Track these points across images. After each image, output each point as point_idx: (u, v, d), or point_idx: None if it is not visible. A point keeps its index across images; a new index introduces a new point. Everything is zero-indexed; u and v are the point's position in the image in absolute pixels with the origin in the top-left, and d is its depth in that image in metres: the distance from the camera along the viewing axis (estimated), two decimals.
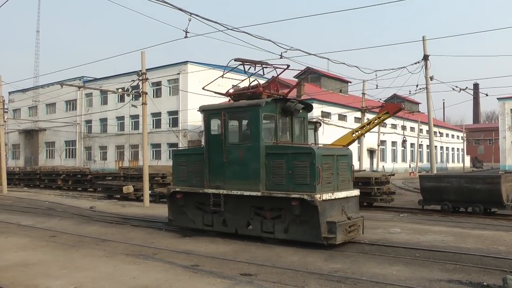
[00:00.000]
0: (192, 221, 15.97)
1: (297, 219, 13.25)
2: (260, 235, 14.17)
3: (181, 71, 57.42)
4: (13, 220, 20.50)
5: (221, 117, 14.85)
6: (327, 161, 13.38)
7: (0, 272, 10.70)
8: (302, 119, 15.79)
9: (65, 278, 10.01)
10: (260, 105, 14.03)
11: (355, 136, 21.46)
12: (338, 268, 10.39)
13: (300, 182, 13.16)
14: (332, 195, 13.16)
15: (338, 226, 12.76)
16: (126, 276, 10.05)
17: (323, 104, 49.71)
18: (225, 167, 14.63)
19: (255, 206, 14.27)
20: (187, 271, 10.32)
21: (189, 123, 57.27)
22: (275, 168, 13.71)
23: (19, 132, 79.82)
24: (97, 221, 19.58)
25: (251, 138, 14.19)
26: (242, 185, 14.19)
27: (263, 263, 11.04)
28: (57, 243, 14.50)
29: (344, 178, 14.09)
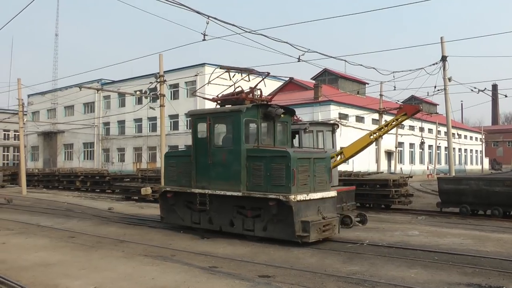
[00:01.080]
0: (181, 218, 17.07)
1: (274, 218, 14.08)
2: (242, 232, 15.03)
3: (199, 73, 57.59)
4: (33, 221, 20.72)
5: (206, 121, 15.81)
6: (303, 164, 14.17)
7: (21, 272, 10.83)
8: (285, 123, 16.56)
9: (84, 279, 10.12)
10: (241, 111, 14.96)
11: (373, 138, 21.28)
12: (356, 271, 10.39)
13: (276, 184, 13.98)
14: (307, 196, 13.96)
15: (312, 225, 13.56)
16: (144, 277, 10.13)
17: (341, 106, 49.63)
18: (210, 169, 15.64)
19: (237, 205, 15.15)
20: (205, 273, 10.37)
21: None
22: (255, 170, 14.57)
23: (38, 134, 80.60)
24: (115, 222, 19.72)
25: (233, 141, 15.14)
26: (225, 185, 15.13)
27: (281, 265, 11.07)
28: (76, 244, 14.64)
29: (321, 180, 14.81)
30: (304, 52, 21.41)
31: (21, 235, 16.84)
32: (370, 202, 24.68)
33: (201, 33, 18.86)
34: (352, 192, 22.22)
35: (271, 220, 14.25)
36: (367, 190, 24.32)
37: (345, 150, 21.65)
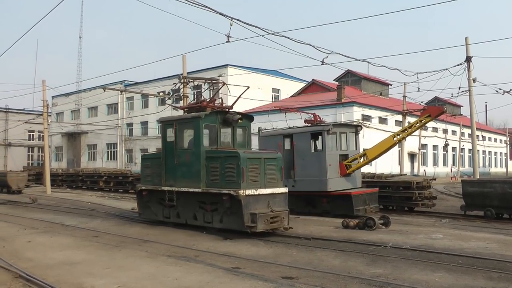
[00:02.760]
0: (155, 214, 19.06)
1: (228, 211, 15.86)
2: (203, 224, 16.96)
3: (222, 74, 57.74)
4: (57, 220, 21.01)
5: (173, 127, 17.77)
6: (253, 163, 15.92)
7: (46, 270, 11.00)
8: (245, 128, 18.33)
9: (108, 278, 10.24)
10: (200, 117, 16.85)
11: (396, 139, 21.19)
12: (380, 273, 10.32)
13: (229, 180, 15.80)
14: (256, 191, 15.58)
15: (259, 217, 15.19)
16: (168, 277, 10.19)
17: (364, 107, 49.41)
18: (176, 168, 17.64)
19: (199, 200, 17.04)
20: (228, 274, 10.41)
21: None
22: (212, 169, 16.47)
23: (62, 135, 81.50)
24: (138, 222, 19.86)
25: (194, 144, 17.06)
26: (189, 183, 17.05)
27: (304, 266, 11.05)
28: (100, 243, 14.81)
29: (272, 178, 16.44)
30: (328, 54, 21.36)
31: (46, 234, 17.10)
32: (393, 204, 24.56)
33: (225, 35, 18.91)
34: (375, 194, 22.18)
35: (225, 213, 16.02)
36: (390, 192, 24.20)
37: (368, 152, 21.61)
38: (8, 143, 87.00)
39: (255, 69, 59.73)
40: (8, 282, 9.98)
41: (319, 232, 16.41)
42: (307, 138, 22.13)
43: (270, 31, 19.69)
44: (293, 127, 23.53)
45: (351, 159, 21.76)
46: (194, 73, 54.69)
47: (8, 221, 20.83)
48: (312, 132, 22.14)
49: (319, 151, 22.17)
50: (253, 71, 57.44)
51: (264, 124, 27.32)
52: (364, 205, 21.07)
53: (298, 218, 20.32)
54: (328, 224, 18.64)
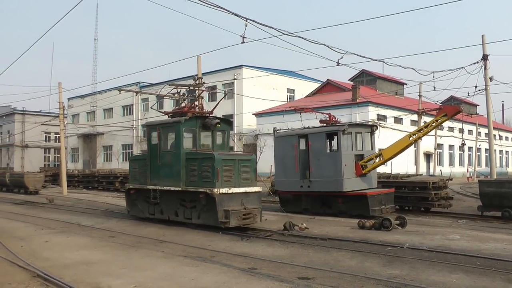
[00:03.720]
0: (141, 211, 20.61)
1: (204, 207, 17.32)
2: (183, 220, 18.36)
3: (236, 75, 57.81)
4: (74, 220, 21.19)
5: (157, 130, 19.30)
6: (227, 164, 17.39)
7: (63, 270, 11.10)
8: (224, 131, 19.85)
9: (125, 277, 10.30)
10: (180, 122, 18.33)
11: (412, 139, 21.06)
12: (397, 274, 10.26)
13: (205, 180, 17.22)
14: (230, 190, 17.02)
15: (232, 213, 16.61)
16: (184, 277, 10.22)
17: (379, 107, 49.13)
18: (160, 169, 19.15)
19: (180, 198, 18.48)
20: (244, 274, 10.42)
21: (244, 127, 57.51)
22: (191, 169, 17.91)
23: (78, 136, 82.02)
24: (154, 223, 19.93)
25: (175, 146, 18.57)
26: (171, 182, 18.51)
27: (320, 267, 11.02)
28: (117, 243, 14.92)
29: (246, 178, 17.91)
30: (343, 55, 21.28)
31: (63, 234, 17.25)
32: (409, 204, 24.41)
33: (240, 36, 18.93)
34: (391, 195, 22.07)
35: (202, 210, 17.48)
36: (406, 193, 24.03)
37: (384, 152, 21.51)
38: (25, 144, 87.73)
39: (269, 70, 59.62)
40: (26, 281, 10.08)
41: (335, 232, 16.39)
42: (323, 138, 22.08)
43: (285, 32, 19.68)
44: (308, 127, 23.47)
45: (366, 159, 21.69)
46: (209, 74, 54.78)
47: (26, 221, 21.03)
48: (327, 132, 22.09)
49: (335, 151, 22.13)
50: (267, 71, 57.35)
51: (279, 125, 27.25)
52: (380, 205, 20.98)
53: (313, 219, 20.33)
54: (344, 224, 18.61)
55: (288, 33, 19.81)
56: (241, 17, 17.74)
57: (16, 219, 22.04)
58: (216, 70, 60.19)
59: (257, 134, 54.03)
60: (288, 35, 19.88)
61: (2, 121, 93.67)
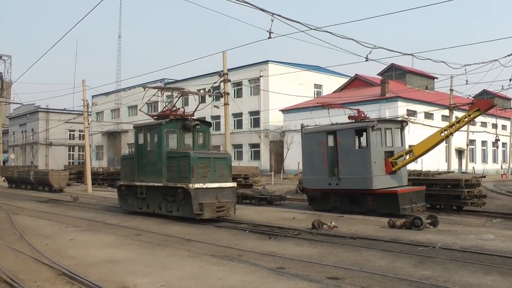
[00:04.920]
0: (131, 205, 22.81)
1: (182, 201, 19.41)
2: (166, 213, 20.53)
3: (262, 71, 57.78)
4: (99, 218, 21.43)
5: (143, 132, 21.62)
6: (203, 162, 19.47)
7: (89, 268, 11.20)
8: (205, 132, 21.95)
9: (151, 276, 10.35)
10: (161, 124, 20.56)
11: (443, 135, 20.80)
12: (429, 275, 10.13)
13: (183, 176, 19.34)
14: (204, 185, 19.06)
15: (205, 206, 18.75)
16: (211, 277, 10.23)
17: (409, 102, 48.72)
18: (145, 167, 21.39)
19: (162, 193, 20.65)
20: (272, 274, 10.39)
21: (270, 123, 57.48)
22: (171, 167, 20.10)
23: (102, 134, 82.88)
24: (180, 221, 20.05)
25: (158, 146, 20.70)
26: (154, 178, 20.72)
27: (350, 266, 10.96)
28: (142, 242, 15.01)
29: (221, 174, 19.97)
30: (371, 49, 21.10)
31: (88, 232, 17.45)
32: (440, 203, 24.09)
33: (267, 31, 18.92)
34: (422, 193, 21.85)
35: (180, 203, 19.56)
36: (438, 191, 23.73)
37: (415, 148, 21.31)
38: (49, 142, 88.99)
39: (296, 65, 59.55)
40: (52, 279, 10.21)
41: (364, 231, 16.28)
42: (351, 135, 21.93)
43: (312, 27, 19.61)
44: (336, 123, 23.34)
45: (396, 156, 21.49)
46: (235, 70, 54.84)
47: (51, 219, 21.32)
48: (356, 128, 21.95)
49: (364, 148, 21.97)
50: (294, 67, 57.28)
51: (306, 121, 27.23)
52: (411, 204, 20.78)
53: (342, 217, 20.22)
54: (374, 223, 18.49)
55: (315, 27, 19.77)
56: (268, 12, 17.75)
57: (41, 217, 22.37)
58: (242, 66, 60.27)
59: (284, 130, 53.99)
60: (315, 30, 19.83)
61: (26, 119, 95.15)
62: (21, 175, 49.33)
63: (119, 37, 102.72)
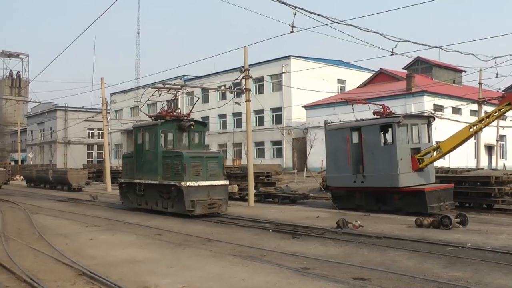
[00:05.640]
0: (131, 202, 24.68)
1: (175, 198, 21.05)
2: (162, 210, 22.16)
3: (284, 66, 57.64)
4: (119, 217, 21.63)
5: (141, 132, 23.46)
6: (195, 161, 20.96)
7: (109, 268, 11.31)
8: (200, 132, 23.62)
9: (172, 277, 10.39)
10: (157, 124, 22.37)
11: (472, 131, 20.54)
12: (459, 277, 10.00)
13: (176, 174, 20.97)
14: (196, 183, 20.59)
15: (197, 203, 20.36)
16: (234, 277, 10.25)
17: (435, 97, 48.16)
18: (143, 165, 23.14)
19: (159, 190, 22.29)
20: (297, 274, 10.37)
21: (293, 120, 57.31)
22: (166, 165, 21.70)
23: (121, 132, 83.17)
24: (201, 220, 20.11)
25: (154, 146, 22.45)
26: (151, 176, 22.45)
27: (376, 267, 10.88)
28: (163, 242, 15.08)
29: (213, 173, 21.43)
30: (397, 43, 20.88)
31: (108, 231, 17.61)
32: (470, 201, 23.77)
33: (289, 25, 18.82)
34: (450, 190, 21.65)
35: (174, 200, 21.21)
36: (467, 188, 23.42)
37: (442, 145, 21.09)
38: (68, 141, 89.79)
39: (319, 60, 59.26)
40: (72, 279, 10.30)
41: (391, 230, 16.19)
42: (377, 131, 21.80)
43: (335, 20, 19.48)
44: (361, 119, 23.22)
45: (423, 153, 21.32)
46: (256, 66, 54.71)
47: (70, 218, 21.57)
48: (381, 124, 21.81)
49: (390, 144, 21.84)
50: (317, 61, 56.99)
51: (330, 117, 27.08)
52: (439, 202, 20.58)
53: (368, 216, 20.14)
54: (400, 222, 18.39)
55: (338, 21, 19.63)
56: (289, 5, 17.67)
57: (60, 216, 22.65)
58: (263, 61, 60.16)
59: (307, 127, 53.80)
60: (338, 23, 19.69)
61: (44, 118, 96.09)
62: (40, 174, 49.93)
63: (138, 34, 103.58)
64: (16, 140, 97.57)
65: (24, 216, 22.54)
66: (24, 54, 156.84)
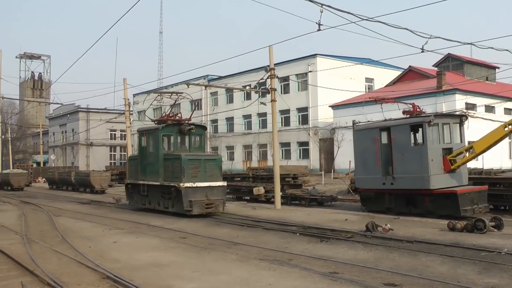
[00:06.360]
0: (137, 202, 26.46)
1: (175, 198, 22.59)
2: (163, 209, 23.78)
3: (310, 65, 57.48)
4: (142, 220, 21.76)
5: (144, 135, 25.16)
6: (193, 163, 22.57)
7: (133, 271, 11.38)
8: (200, 135, 25.30)
9: (198, 281, 10.42)
10: (158, 129, 24.15)
11: (507, 130, 20.20)
12: (495, 284, 9.82)
13: (176, 176, 22.60)
14: (194, 184, 22.04)
15: (194, 203, 21.86)
16: (261, 282, 10.23)
17: (467, 95, 47.64)
18: (146, 167, 24.89)
19: (161, 191, 23.91)
20: (325, 279, 10.31)
21: (319, 120, 57.12)
22: (167, 167, 23.44)
23: None
24: (227, 223, 20.16)
25: (156, 148, 24.15)
26: (153, 178, 24.20)
27: (408, 272, 10.75)
28: (188, 245, 15.13)
29: (212, 174, 23.01)
30: (427, 40, 20.67)
31: (132, 234, 17.73)
32: (505, 204, 23.38)
33: (316, 23, 18.74)
34: (484, 193, 21.35)
35: (174, 200, 22.77)
36: (502, 190, 23.01)
37: (476, 145, 20.81)
38: (90, 143, 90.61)
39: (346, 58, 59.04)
40: (96, 282, 10.39)
41: (422, 234, 16.02)
42: (406, 131, 21.63)
43: (364, 17, 19.34)
44: (390, 119, 23.05)
45: (455, 153, 21.07)
46: (281, 65, 54.66)
47: (93, 221, 21.76)
48: (411, 124, 21.62)
49: (420, 145, 21.64)
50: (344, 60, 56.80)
51: (358, 117, 26.98)
52: (472, 204, 20.31)
53: (398, 219, 20.00)
54: (432, 225, 18.21)
55: (367, 18, 19.50)
56: (316, 2, 17.61)
57: (83, 218, 22.86)
58: (289, 60, 60.08)
59: (334, 127, 53.62)
60: (367, 20, 19.56)
61: (66, 120, 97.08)
62: (62, 176, 50.55)
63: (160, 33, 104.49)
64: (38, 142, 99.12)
65: (46, 219, 22.81)
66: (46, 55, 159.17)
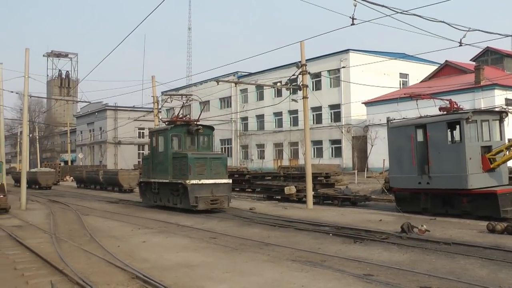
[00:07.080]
0: (149, 199, 28.47)
1: (182, 195, 24.46)
2: (173, 206, 25.62)
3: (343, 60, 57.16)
4: (172, 220, 21.95)
5: (155, 136, 27.28)
6: (199, 161, 24.39)
7: (163, 272, 11.49)
8: (208, 135, 27.20)
9: (229, 282, 10.47)
10: (167, 129, 26.19)
11: None
12: None
13: (183, 174, 24.41)
14: (200, 181, 23.89)
15: (200, 199, 23.70)
16: (294, 283, 10.24)
17: (507, 90, 46.89)
18: (157, 166, 26.86)
19: (170, 188, 25.74)
20: (360, 281, 10.30)
21: (352, 117, 56.73)
22: (175, 166, 25.32)
23: None
24: (258, 223, 20.19)
25: (165, 148, 26.14)
26: (163, 176, 26.11)
27: (445, 276, 10.64)
28: (218, 245, 15.21)
29: (217, 172, 24.90)
30: (465, 33, 20.38)
31: (161, 234, 17.89)
32: None
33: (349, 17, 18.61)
34: None
35: (181, 197, 24.59)
36: None
37: None
38: (118, 141, 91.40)
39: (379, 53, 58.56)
40: (125, 282, 10.52)
41: (460, 236, 15.85)
42: (443, 128, 21.38)
43: (399, 10, 19.16)
44: (426, 116, 22.82)
45: (495, 152, 20.78)
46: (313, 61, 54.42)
47: (121, 220, 22.05)
48: (448, 121, 21.38)
49: (457, 142, 21.38)
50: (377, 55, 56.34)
51: (392, 114, 26.74)
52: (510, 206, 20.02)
53: (434, 220, 19.82)
54: (470, 227, 18.00)
55: (402, 11, 19.32)
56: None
57: (111, 218, 23.17)
58: (320, 56, 59.81)
59: (368, 125, 53.26)
60: (402, 13, 19.38)
61: (94, 118, 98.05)
62: (90, 175, 51.10)
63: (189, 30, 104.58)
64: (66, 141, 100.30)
65: (75, 218, 23.14)
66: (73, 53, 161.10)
